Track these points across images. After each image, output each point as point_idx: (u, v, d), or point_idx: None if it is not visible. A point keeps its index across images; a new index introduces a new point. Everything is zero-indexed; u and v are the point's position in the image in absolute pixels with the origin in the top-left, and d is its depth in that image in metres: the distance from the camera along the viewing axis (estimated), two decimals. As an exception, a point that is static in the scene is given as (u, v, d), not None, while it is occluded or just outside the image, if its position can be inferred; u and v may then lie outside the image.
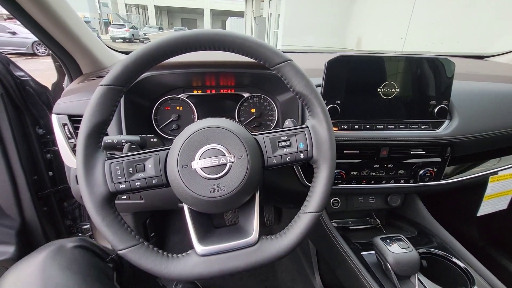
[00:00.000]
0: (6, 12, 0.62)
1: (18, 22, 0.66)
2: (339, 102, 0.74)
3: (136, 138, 0.62)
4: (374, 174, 0.82)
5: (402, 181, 0.84)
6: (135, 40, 18.10)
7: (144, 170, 0.47)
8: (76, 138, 0.72)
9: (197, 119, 0.86)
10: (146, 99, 0.81)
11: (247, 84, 0.86)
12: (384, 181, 0.83)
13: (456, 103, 0.81)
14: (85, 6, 23.95)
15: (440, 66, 0.75)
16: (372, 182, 0.83)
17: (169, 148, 0.50)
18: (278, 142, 0.52)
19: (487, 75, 1.04)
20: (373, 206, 0.95)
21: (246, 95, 0.87)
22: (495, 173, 0.92)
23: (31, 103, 0.85)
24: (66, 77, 0.89)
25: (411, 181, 0.84)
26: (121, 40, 17.10)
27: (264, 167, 0.52)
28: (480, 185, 0.93)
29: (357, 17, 7.71)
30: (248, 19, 15.87)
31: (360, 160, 0.79)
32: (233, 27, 19.44)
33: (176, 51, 0.48)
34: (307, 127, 0.53)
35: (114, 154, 0.49)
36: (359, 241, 0.82)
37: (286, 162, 0.52)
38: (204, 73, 0.79)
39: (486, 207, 0.98)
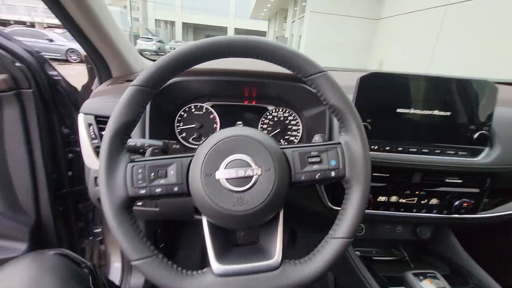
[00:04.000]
0: (47, 21, 0.65)
1: (55, 31, 0.69)
2: (370, 120, 0.70)
3: (159, 143, 0.60)
4: (404, 201, 0.76)
5: (434, 211, 0.77)
6: (160, 53, 19.01)
7: (166, 176, 0.45)
8: (100, 139, 0.72)
9: (219, 130, 0.84)
10: (171, 104, 0.80)
11: (273, 96, 0.85)
12: (414, 210, 0.77)
13: (498, 130, 0.74)
14: (117, 19, 25.49)
15: (481, 90, 0.70)
16: (402, 209, 0.76)
17: (193, 156, 0.47)
18: (308, 157, 0.49)
19: None
20: (400, 237, 0.88)
21: (270, 107, 0.85)
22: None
23: (60, 103, 0.87)
24: (96, 79, 0.91)
25: (445, 212, 0.77)
26: (148, 53, 18.01)
27: (291, 183, 0.48)
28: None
29: (381, 40, 7.70)
30: (270, 38, 16.36)
31: (390, 185, 0.74)
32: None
33: (208, 56, 0.47)
34: (340, 143, 0.49)
35: (137, 157, 0.47)
36: (385, 274, 0.74)
37: (315, 179, 0.48)
38: (230, 82, 0.78)
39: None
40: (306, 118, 0.83)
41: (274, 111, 0.85)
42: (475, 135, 0.71)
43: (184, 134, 0.83)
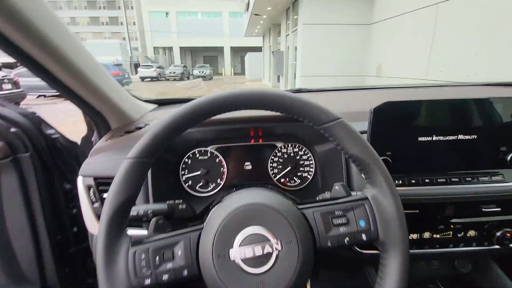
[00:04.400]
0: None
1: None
2: (390, 153, 0.64)
3: (163, 206, 0.55)
4: (438, 236, 0.68)
5: (473, 243, 0.69)
6: (161, 79, 19.49)
7: (173, 258, 0.40)
8: (101, 203, 0.68)
9: (227, 174, 0.79)
10: (173, 154, 0.76)
11: (280, 133, 0.80)
12: (451, 245, 0.69)
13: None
14: (117, 51, 26.53)
15: (506, 107, 0.64)
16: (437, 246, 0.69)
17: (201, 229, 0.42)
18: (332, 218, 0.43)
19: None
20: (437, 272, 0.79)
21: (279, 144, 0.80)
22: None
23: (60, 161, 0.84)
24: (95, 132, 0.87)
25: (486, 243, 0.69)
26: (149, 79, 18.46)
27: (316, 250, 0.42)
28: None
29: (376, 44, 7.74)
30: (266, 53, 16.59)
31: (420, 221, 0.67)
32: (251, 61, 20.38)
33: (209, 113, 0.43)
34: (367, 198, 0.43)
35: (138, 237, 0.42)
36: None
37: (344, 244, 0.42)
38: (233, 129, 0.74)
39: None
40: (319, 153, 0.78)
41: (283, 147, 0.80)
42: (509, 157, 0.65)
43: (190, 183, 0.78)
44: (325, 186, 0.74)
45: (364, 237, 0.41)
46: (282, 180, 0.80)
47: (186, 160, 0.78)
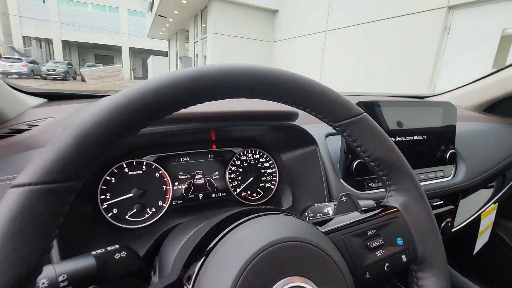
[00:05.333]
0: None
1: None
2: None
3: (86, 262, 0.32)
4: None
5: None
6: (35, 76, 15.53)
7: None
8: None
9: (172, 193, 0.58)
10: None
11: (237, 137, 0.65)
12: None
13: (456, 146, 0.78)
14: (-37, 36, 19.76)
15: (445, 111, 0.72)
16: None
17: None
18: (365, 240, 0.32)
19: None
20: None
21: (237, 151, 0.65)
22: (484, 210, 0.92)
23: None
24: None
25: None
26: (16, 76, 14.38)
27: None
28: (475, 221, 0.91)
29: (277, 61, 8.62)
30: (173, 58, 15.78)
31: None
32: (155, 65, 18.91)
33: (178, 104, 0.26)
34: (397, 209, 0.35)
35: None
36: None
37: (385, 272, 0.32)
38: (177, 131, 0.53)
39: (478, 244, 0.96)
40: (285, 161, 0.67)
41: (242, 154, 0.66)
42: (447, 155, 0.72)
43: (115, 211, 0.53)
44: (299, 198, 0.64)
45: (404, 258, 0.33)
46: (243, 193, 0.65)
47: (108, 178, 0.53)
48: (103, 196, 0.52)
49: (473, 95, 1.35)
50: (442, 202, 0.73)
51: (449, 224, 0.73)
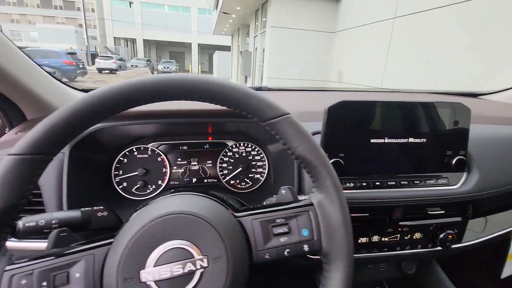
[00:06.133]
0: None
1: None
2: (343, 155, 0.61)
3: (74, 214, 0.45)
4: (387, 239, 0.67)
5: (419, 246, 0.69)
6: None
7: (68, 283, 0.31)
8: None
9: (169, 174, 0.70)
10: (102, 153, 0.65)
11: (231, 131, 0.73)
12: (398, 248, 0.68)
13: (472, 152, 0.70)
14: (72, 38, 24.31)
15: (454, 112, 0.65)
16: (385, 249, 0.68)
17: (111, 243, 0.33)
18: (273, 227, 0.37)
19: (492, 117, 0.97)
20: (385, 275, 0.79)
21: (230, 143, 0.73)
22: (518, 228, 0.80)
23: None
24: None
25: (430, 245, 0.70)
26: (108, 71, 17.18)
27: (252, 265, 0.36)
28: (503, 242, 0.80)
29: (338, 52, 8.13)
30: (235, 52, 16.48)
31: (370, 224, 0.65)
32: (220, 60, 20.09)
33: (125, 104, 0.34)
34: (312, 204, 0.38)
35: (19, 259, 0.32)
36: None
37: (284, 256, 0.36)
38: (177, 124, 0.65)
39: (510, 267, 0.84)
40: (272, 153, 0.73)
41: (234, 146, 0.74)
42: (453, 161, 0.66)
43: (125, 184, 0.68)
44: (277, 189, 0.69)
45: (306, 248, 0.36)
46: (232, 182, 0.73)
47: (122, 158, 0.67)
48: (117, 172, 0.67)
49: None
50: (443, 212, 0.67)
51: (450, 237, 0.67)
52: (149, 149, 0.69)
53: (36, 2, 33.78)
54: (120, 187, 0.67)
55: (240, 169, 0.72)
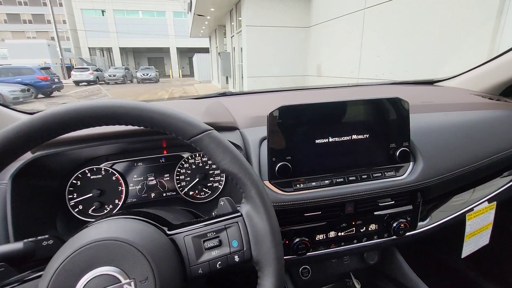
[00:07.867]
0: None
1: None
2: (290, 158, 0.63)
3: (16, 246, 0.45)
4: (343, 234, 0.70)
5: (375, 236, 0.72)
6: (100, 82, 17.87)
7: None
8: None
9: (125, 192, 0.70)
10: (53, 178, 0.64)
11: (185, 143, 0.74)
12: (355, 240, 0.71)
13: (417, 142, 0.73)
14: (45, 52, 23.52)
15: (393, 106, 0.68)
16: (342, 243, 0.70)
17: (40, 275, 0.34)
18: (204, 241, 0.38)
19: (442, 104, 1.01)
20: (350, 267, 0.82)
21: (185, 155, 0.74)
22: (471, 209, 0.85)
23: None
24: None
25: (385, 235, 0.73)
26: (85, 83, 16.73)
27: (187, 280, 0.37)
28: (459, 224, 0.84)
29: (315, 47, 8.22)
30: (214, 54, 16.38)
31: (324, 221, 0.67)
32: (200, 62, 19.97)
33: (43, 136, 0.35)
34: (241, 215, 0.40)
35: None
36: None
37: (217, 269, 0.38)
38: (131, 142, 0.65)
39: (469, 247, 0.89)
40: None
41: (190, 157, 0.74)
42: (397, 153, 0.69)
43: (80, 207, 0.67)
44: (234, 197, 0.70)
45: (237, 258, 0.38)
46: (191, 192, 0.74)
47: (75, 181, 0.67)
48: (71, 196, 0.67)
49: (487, 76, 1.19)
50: (394, 202, 0.70)
51: (402, 225, 0.70)
52: (102, 169, 0.69)
53: (3, 17, 32.42)
54: (76, 210, 0.67)
55: (198, 179, 0.73)
